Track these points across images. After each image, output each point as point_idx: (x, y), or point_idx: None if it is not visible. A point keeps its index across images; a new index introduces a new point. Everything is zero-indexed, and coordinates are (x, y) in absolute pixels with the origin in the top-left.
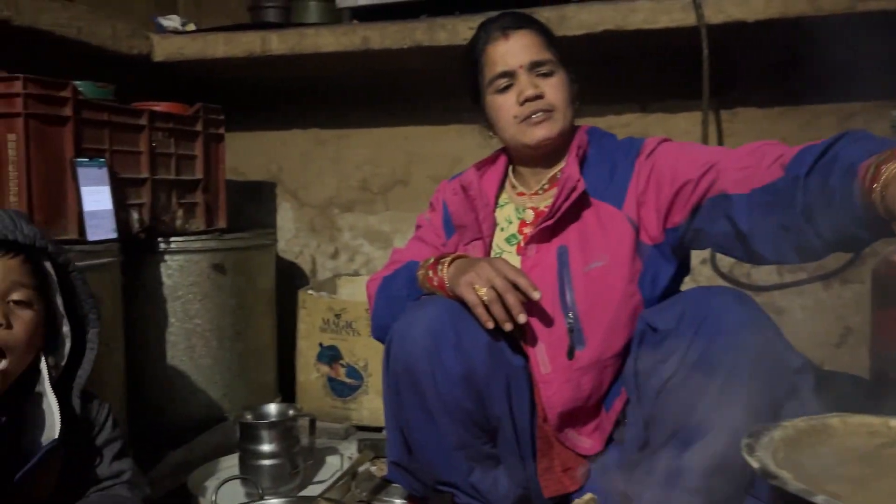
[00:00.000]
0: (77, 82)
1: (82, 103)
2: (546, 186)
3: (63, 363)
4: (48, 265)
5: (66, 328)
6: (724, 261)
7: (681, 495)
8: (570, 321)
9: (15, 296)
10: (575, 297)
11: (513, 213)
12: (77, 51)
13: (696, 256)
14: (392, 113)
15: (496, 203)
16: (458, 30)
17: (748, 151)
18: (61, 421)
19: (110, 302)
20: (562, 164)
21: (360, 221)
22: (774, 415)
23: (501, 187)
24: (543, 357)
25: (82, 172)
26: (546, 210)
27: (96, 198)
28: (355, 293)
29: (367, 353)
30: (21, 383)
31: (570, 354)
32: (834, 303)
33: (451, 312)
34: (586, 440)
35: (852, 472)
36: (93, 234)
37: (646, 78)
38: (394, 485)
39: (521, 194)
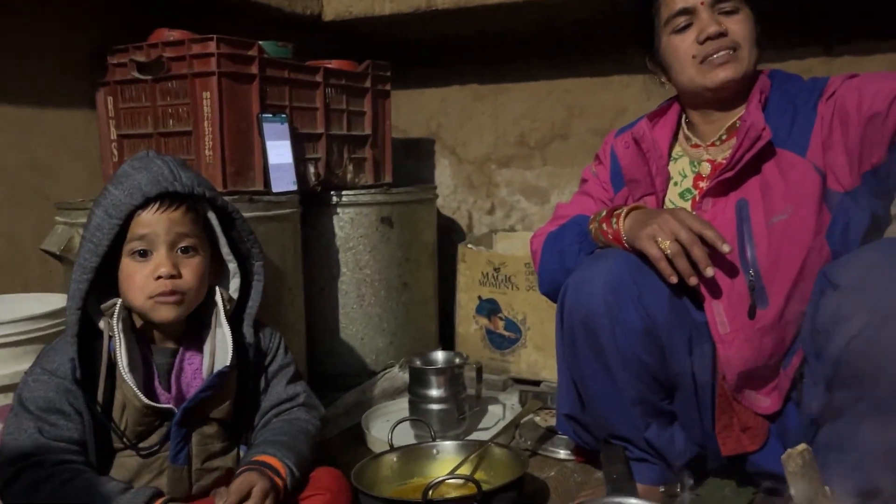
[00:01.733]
0: (261, 42)
1: (266, 62)
2: (724, 136)
3: (235, 297)
4: (209, 210)
5: (232, 265)
6: None
7: (867, 463)
8: (752, 279)
9: (182, 244)
10: (756, 254)
11: (687, 167)
12: (257, 14)
13: None
14: (551, 66)
15: (669, 156)
16: None
17: None
18: (234, 349)
19: (292, 250)
20: (741, 112)
21: (517, 177)
22: None
23: (674, 139)
24: (722, 316)
25: (267, 128)
26: (724, 162)
27: (279, 152)
28: (512, 248)
29: (525, 307)
30: (199, 318)
31: (752, 314)
32: None
33: (631, 265)
34: (765, 399)
35: None
36: (277, 186)
37: (832, 16)
38: (558, 436)
39: (696, 146)
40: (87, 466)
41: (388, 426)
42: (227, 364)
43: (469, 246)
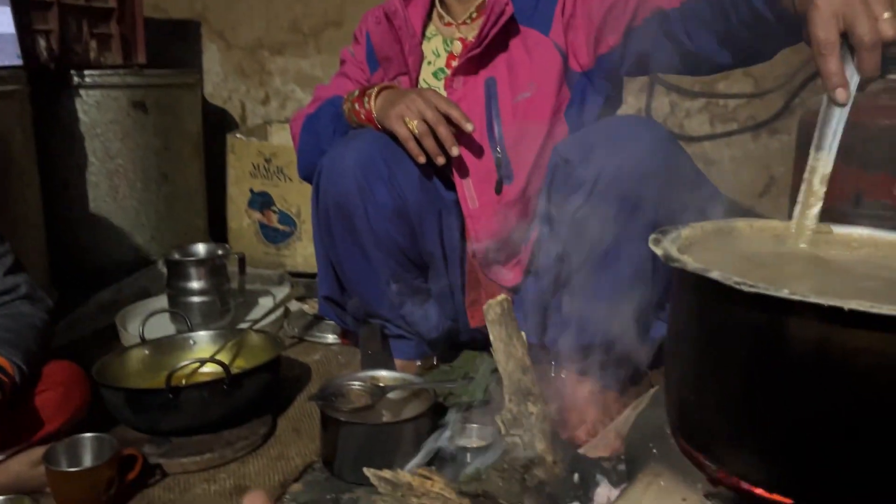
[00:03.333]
0: None
1: None
2: (474, 15)
3: None
4: None
5: None
6: (658, 112)
7: (592, 317)
8: (499, 155)
9: None
10: (503, 131)
11: (440, 46)
12: None
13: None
14: None
15: (423, 35)
16: None
17: None
18: None
19: (20, 133)
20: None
21: (292, 65)
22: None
23: (428, 18)
24: (471, 191)
25: None
26: (474, 40)
27: None
28: (287, 139)
29: (299, 199)
30: None
31: (498, 189)
32: (761, 153)
33: (382, 145)
34: (508, 273)
35: (755, 270)
36: None
37: None
38: (326, 321)
39: (449, 24)
40: None
41: (142, 322)
42: None
43: (238, 136)
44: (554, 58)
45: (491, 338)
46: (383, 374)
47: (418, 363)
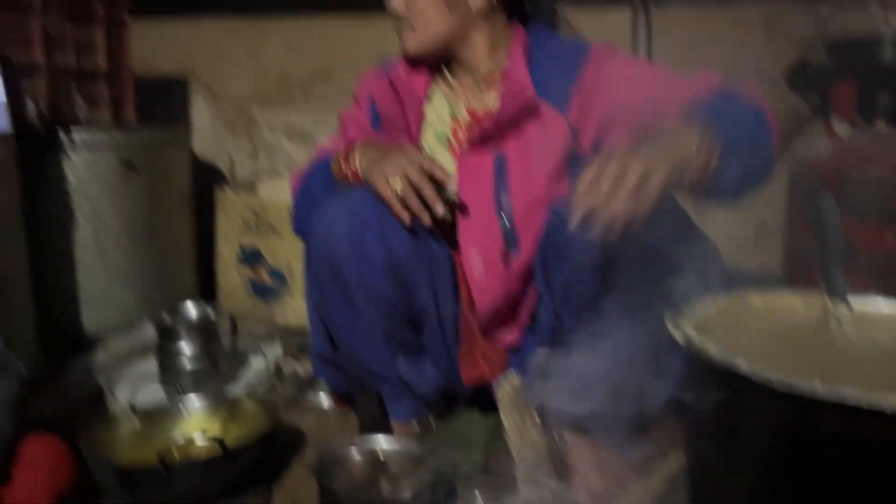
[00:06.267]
0: None
1: None
2: (483, 86)
3: None
4: None
5: None
6: None
7: (582, 388)
8: (507, 227)
9: None
10: (511, 202)
11: (444, 110)
12: None
13: None
14: (312, 2)
15: (427, 95)
16: None
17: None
18: None
19: (7, 199)
20: (501, 62)
21: (280, 119)
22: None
23: (434, 78)
24: (476, 259)
25: None
26: (483, 113)
27: None
28: (276, 193)
29: (290, 254)
30: None
31: (505, 258)
32: (752, 201)
33: (372, 201)
34: (507, 334)
35: (772, 347)
36: None
37: None
38: (320, 383)
39: (454, 89)
40: None
41: (131, 387)
42: None
43: (227, 191)
44: (566, 136)
45: (504, 423)
46: (381, 441)
47: (416, 424)
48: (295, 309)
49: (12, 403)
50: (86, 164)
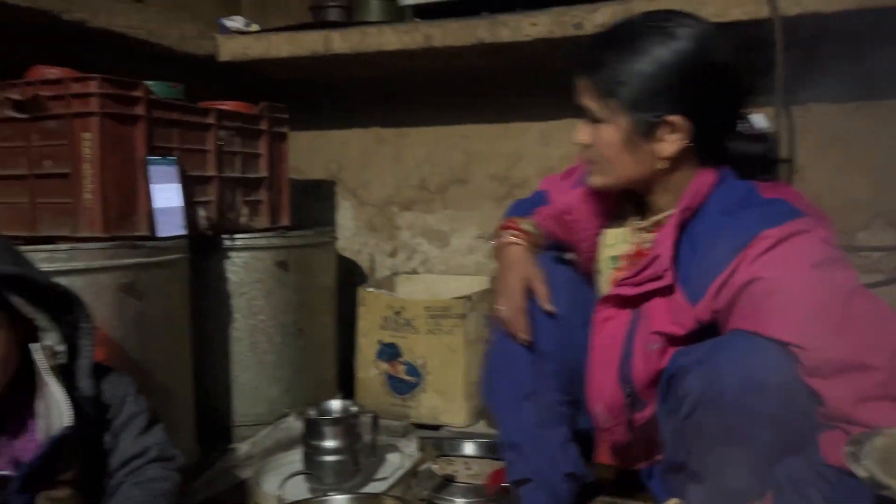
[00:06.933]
0: (149, 82)
1: (153, 103)
2: (650, 228)
3: (60, 349)
4: None
5: (43, 321)
6: None
7: None
8: (629, 391)
9: None
10: (632, 372)
11: (622, 235)
12: (146, 52)
13: None
14: (451, 111)
15: (616, 214)
16: (520, 26)
17: None
18: (74, 406)
19: (179, 297)
20: (669, 212)
21: (419, 220)
22: (796, 447)
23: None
24: (604, 414)
25: (153, 170)
26: (639, 253)
27: (167, 195)
28: (414, 291)
29: (425, 350)
30: (23, 377)
31: (630, 417)
32: None
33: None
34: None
35: None
36: (163, 231)
37: None
38: (455, 484)
39: (633, 219)
40: None
41: (278, 480)
42: (65, 425)
43: (369, 289)
44: (691, 321)
45: None
46: None
47: None
48: (427, 404)
49: (172, 495)
50: (244, 264)
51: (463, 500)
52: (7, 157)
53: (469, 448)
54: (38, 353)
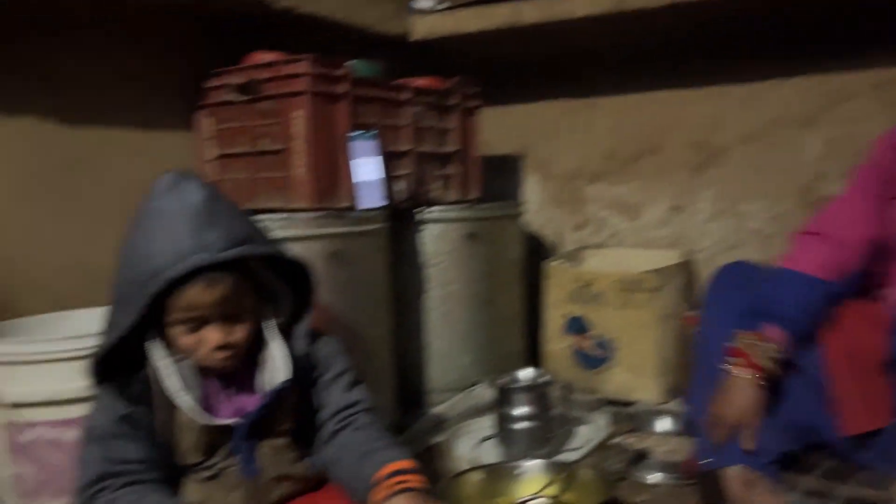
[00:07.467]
0: (350, 62)
1: (355, 81)
2: None
3: (288, 311)
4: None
5: (278, 288)
6: None
7: None
8: None
9: (228, 314)
10: None
11: None
12: (345, 34)
13: None
14: (641, 77)
15: None
16: None
17: None
18: (290, 362)
19: (380, 266)
20: None
21: (607, 192)
22: None
23: None
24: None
25: (356, 145)
26: None
27: (368, 169)
28: (602, 264)
29: (615, 325)
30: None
31: None
32: None
33: None
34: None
35: None
36: (364, 203)
37: None
38: (649, 459)
39: None
40: (156, 482)
41: (470, 444)
42: (284, 378)
43: (556, 263)
44: None
45: None
46: None
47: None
48: (616, 380)
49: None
50: (437, 236)
51: (659, 475)
52: (231, 137)
53: (664, 424)
54: (269, 318)
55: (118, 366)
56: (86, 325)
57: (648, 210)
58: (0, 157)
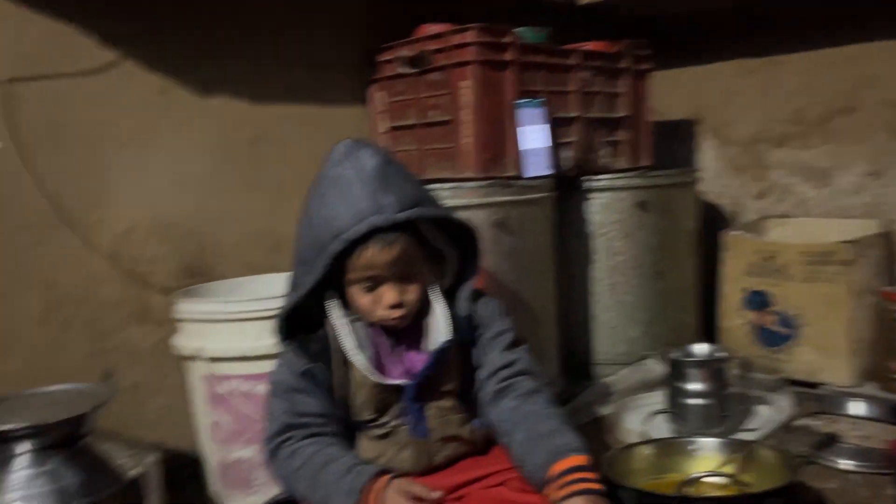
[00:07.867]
0: (517, 29)
1: (521, 48)
2: None
3: (452, 273)
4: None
5: (449, 253)
6: None
7: None
8: None
9: (404, 275)
10: None
11: None
12: (513, 3)
13: None
14: (832, 31)
15: None
16: None
17: None
18: (452, 323)
19: (546, 235)
20: None
21: (791, 157)
22: None
23: None
24: None
25: (522, 113)
26: None
27: (534, 136)
28: (786, 235)
29: (801, 300)
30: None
31: None
32: None
33: None
34: None
35: None
36: (530, 171)
37: None
38: (840, 444)
39: None
40: (335, 436)
41: (640, 418)
42: (445, 339)
43: (735, 233)
44: None
45: None
46: None
47: None
48: (802, 359)
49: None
50: (604, 205)
51: (852, 461)
52: (401, 109)
53: (857, 408)
54: (435, 281)
55: (301, 325)
56: (272, 288)
57: (840, 176)
58: (198, 135)
